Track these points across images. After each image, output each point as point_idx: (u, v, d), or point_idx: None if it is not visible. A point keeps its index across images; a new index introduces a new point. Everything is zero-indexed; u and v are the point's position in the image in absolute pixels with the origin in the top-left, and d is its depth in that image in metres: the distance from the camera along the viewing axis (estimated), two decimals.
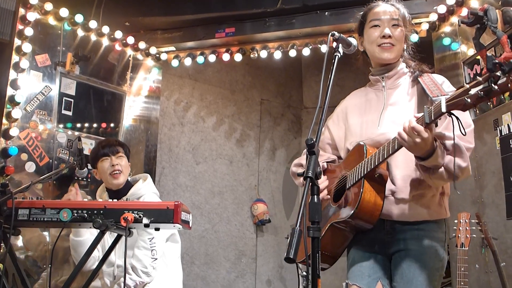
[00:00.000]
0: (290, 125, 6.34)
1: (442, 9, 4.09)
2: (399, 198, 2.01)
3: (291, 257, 1.41)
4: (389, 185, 2.01)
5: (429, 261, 1.99)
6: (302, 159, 2.42)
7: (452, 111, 1.64)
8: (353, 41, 2.10)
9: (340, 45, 2.01)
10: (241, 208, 5.81)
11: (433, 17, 4.20)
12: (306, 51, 4.68)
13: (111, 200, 2.95)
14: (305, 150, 2.46)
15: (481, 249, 3.34)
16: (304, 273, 5.07)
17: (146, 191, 3.04)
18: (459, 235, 2.98)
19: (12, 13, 3.97)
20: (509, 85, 1.46)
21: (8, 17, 3.96)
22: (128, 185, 3.08)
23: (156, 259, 2.92)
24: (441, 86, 1.94)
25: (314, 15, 4.51)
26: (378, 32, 2.15)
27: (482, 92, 1.52)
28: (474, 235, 2.99)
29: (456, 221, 3.05)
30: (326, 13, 4.44)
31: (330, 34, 1.98)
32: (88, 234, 2.91)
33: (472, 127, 1.95)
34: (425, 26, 4.29)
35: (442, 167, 1.85)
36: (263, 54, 4.81)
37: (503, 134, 3.51)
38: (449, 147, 1.85)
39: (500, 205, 3.48)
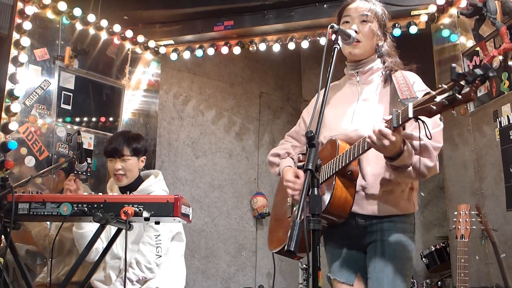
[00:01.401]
0: (290, 118, 6.34)
1: (441, 0, 4.08)
2: (369, 193, 2.07)
3: (292, 249, 1.42)
4: (360, 181, 2.06)
5: (400, 251, 2.06)
6: (279, 149, 2.47)
7: (419, 116, 1.67)
8: (352, 33, 2.11)
9: (339, 37, 2.03)
10: (241, 201, 5.82)
11: (432, 8, 4.19)
12: (305, 44, 4.66)
13: (121, 192, 2.98)
14: (283, 140, 2.51)
15: (481, 240, 3.35)
16: (304, 266, 5.09)
17: (156, 187, 3.03)
18: (459, 227, 2.99)
19: (11, 7, 3.95)
20: (471, 94, 1.49)
21: (7, 11, 3.95)
22: (139, 180, 3.06)
23: (161, 256, 2.92)
24: (412, 86, 1.97)
25: (312, 7, 4.50)
26: (347, 28, 2.17)
27: (446, 101, 1.55)
28: (474, 227, 3.00)
29: (456, 212, 3.06)
30: (325, 5, 4.44)
31: (329, 26, 2.00)
32: (90, 226, 2.91)
33: (441, 127, 1.97)
34: (424, 18, 4.27)
35: (411, 167, 1.91)
36: (262, 47, 4.80)
37: (502, 125, 3.51)
38: (417, 147, 1.90)
39: (500, 196, 3.49)
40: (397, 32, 4.25)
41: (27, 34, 3.95)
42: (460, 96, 1.50)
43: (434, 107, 1.58)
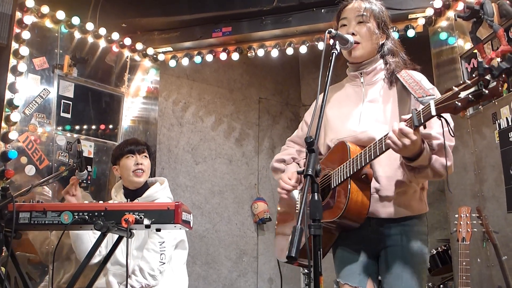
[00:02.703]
0: (289, 123, 6.35)
1: (438, 3, 4.09)
2: (383, 196, 2.04)
3: (293, 255, 1.41)
4: (373, 183, 2.04)
5: (415, 255, 2.04)
6: (283, 155, 2.44)
7: (441, 114, 1.66)
8: (350, 38, 2.11)
9: (337, 42, 2.02)
10: (242, 207, 5.81)
11: (429, 12, 4.20)
12: (303, 49, 4.67)
13: (125, 198, 2.99)
14: (285, 145, 2.49)
15: (482, 243, 3.35)
16: (306, 271, 5.08)
17: (161, 195, 3.05)
18: (460, 230, 2.98)
19: (9, 17, 3.96)
20: (499, 88, 1.48)
21: (5, 21, 3.96)
22: (145, 187, 3.09)
23: (164, 263, 2.92)
24: (422, 84, 1.95)
25: (310, 12, 4.51)
26: (345, 31, 2.16)
27: (472, 96, 1.53)
28: (475, 229, 3.00)
29: (456, 215, 3.05)
30: (323, 10, 4.45)
31: (327, 31, 1.99)
32: (89, 229, 2.91)
33: (452, 124, 1.94)
34: (421, 21, 4.29)
35: (429, 167, 1.87)
36: (260, 52, 4.81)
37: (502, 127, 3.52)
38: (435, 147, 1.88)
39: (501, 198, 3.49)
40: (394, 35, 4.25)
41: (26, 44, 3.95)
42: (487, 91, 1.49)
43: (459, 104, 1.57)
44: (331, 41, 2.03)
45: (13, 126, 3.82)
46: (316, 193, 1.56)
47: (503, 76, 1.44)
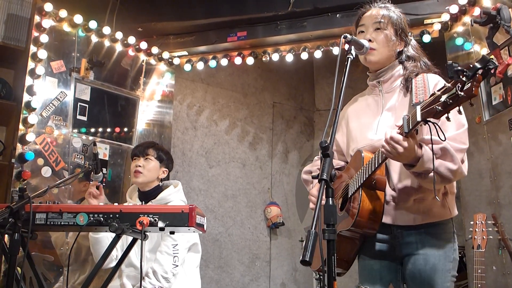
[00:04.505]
0: (303, 128, 6.34)
1: (454, 9, 4.07)
2: (400, 203, 2.04)
3: (307, 259, 1.41)
4: (389, 191, 2.03)
5: (439, 263, 2.00)
6: (311, 166, 2.45)
7: (428, 119, 1.64)
8: (365, 43, 2.11)
9: (353, 47, 2.02)
10: (255, 211, 5.81)
11: (445, 17, 4.17)
12: (318, 54, 4.67)
13: (140, 200, 3.05)
14: (316, 157, 2.49)
15: (498, 250, 3.31)
16: (319, 276, 5.06)
17: (174, 197, 3.09)
18: (476, 237, 2.95)
19: (28, 21, 4.03)
20: (473, 89, 1.45)
21: (24, 25, 4.03)
22: (159, 189, 3.13)
23: (177, 266, 2.93)
24: (429, 88, 1.93)
25: (325, 17, 4.50)
26: (362, 37, 2.17)
27: (450, 99, 1.52)
28: (491, 237, 2.96)
29: (472, 222, 3.02)
30: (338, 15, 4.44)
31: (342, 36, 1.99)
32: (104, 231, 2.94)
33: (465, 127, 1.94)
34: (437, 27, 4.26)
35: (432, 172, 1.84)
36: (275, 57, 4.82)
37: None
38: (437, 151, 1.85)
39: None
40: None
41: (44, 47, 4.01)
42: (462, 93, 1.47)
43: (439, 107, 1.56)
44: (346, 46, 2.03)
45: (30, 128, 3.88)
46: (330, 198, 1.56)
47: (477, 76, 1.43)
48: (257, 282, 5.66)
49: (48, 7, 4.05)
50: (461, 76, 1.46)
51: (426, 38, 4.29)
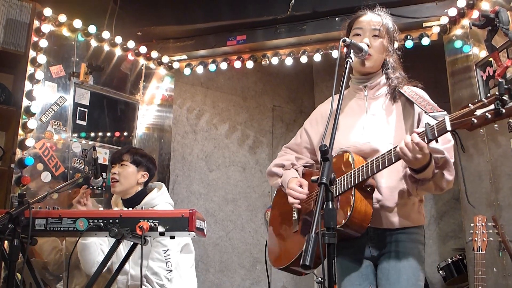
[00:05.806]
0: None
1: (453, 12, 4.08)
2: (385, 206, 2.08)
3: (307, 264, 1.41)
4: (376, 194, 2.06)
5: (413, 262, 2.07)
6: (282, 160, 2.45)
7: (455, 130, 1.69)
8: (364, 46, 2.12)
9: (351, 50, 2.03)
10: (255, 215, 5.81)
11: (444, 20, 4.18)
12: (317, 57, 4.68)
13: (125, 207, 2.98)
14: (281, 152, 2.50)
15: (498, 252, 3.30)
16: (320, 279, 5.05)
17: (160, 201, 3.03)
18: (476, 239, 2.95)
19: (27, 25, 4.03)
20: None
21: (23, 30, 4.02)
22: (143, 194, 3.07)
23: (171, 270, 2.89)
24: (430, 101, 2.01)
25: (324, 21, 4.51)
26: (358, 40, 2.18)
27: (489, 114, 1.58)
28: (491, 239, 2.97)
29: (472, 224, 3.02)
30: (337, 18, 4.45)
31: (341, 40, 2.01)
32: (93, 237, 2.91)
33: (452, 143, 2.00)
34: (436, 30, 4.27)
35: (431, 180, 1.92)
36: (275, 60, 4.82)
37: None
38: (440, 161, 1.92)
39: None
40: (409, 44, 4.24)
41: (43, 52, 4.02)
42: (504, 110, 1.53)
43: (476, 121, 1.61)
44: (345, 50, 2.04)
45: (30, 133, 3.88)
46: (330, 202, 1.57)
47: None
48: (258, 286, 5.64)
49: (48, 12, 4.06)
50: (506, 94, 1.52)
51: (425, 41, 4.29)
